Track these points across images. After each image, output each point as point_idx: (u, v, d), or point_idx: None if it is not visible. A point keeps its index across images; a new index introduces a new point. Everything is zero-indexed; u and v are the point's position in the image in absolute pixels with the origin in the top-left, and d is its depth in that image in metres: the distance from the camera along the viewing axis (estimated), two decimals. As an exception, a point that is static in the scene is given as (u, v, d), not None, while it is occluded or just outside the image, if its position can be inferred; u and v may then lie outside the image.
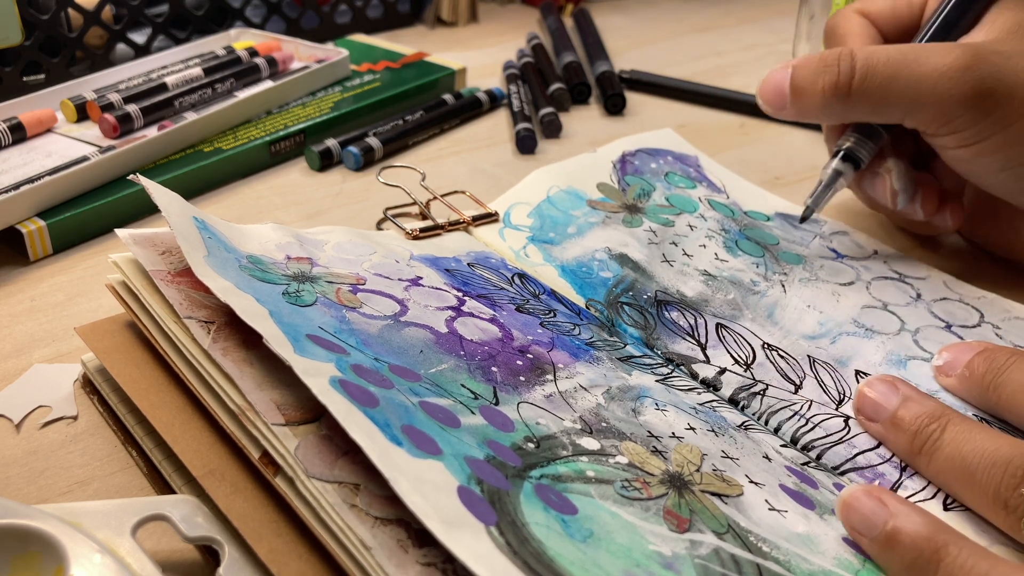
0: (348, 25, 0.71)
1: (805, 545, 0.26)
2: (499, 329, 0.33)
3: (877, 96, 0.37)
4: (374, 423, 0.24)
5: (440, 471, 0.24)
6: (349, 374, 0.26)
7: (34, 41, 0.54)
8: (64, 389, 0.33)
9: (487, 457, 0.25)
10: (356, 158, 0.51)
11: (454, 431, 0.26)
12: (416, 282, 0.35)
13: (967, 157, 0.38)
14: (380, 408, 0.25)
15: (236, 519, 0.25)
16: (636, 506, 0.25)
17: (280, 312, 0.29)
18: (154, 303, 0.30)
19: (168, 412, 0.28)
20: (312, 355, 0.27)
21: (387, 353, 0.29)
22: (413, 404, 0.26)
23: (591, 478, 0.26)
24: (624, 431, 0.29)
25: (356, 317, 0.31)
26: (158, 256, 0.31)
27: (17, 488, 0.29)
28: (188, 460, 0.26)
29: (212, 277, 0.29)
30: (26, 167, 0.45)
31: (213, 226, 0.33)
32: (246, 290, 0.29)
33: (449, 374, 0.29)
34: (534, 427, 0.28)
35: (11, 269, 0.41)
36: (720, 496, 0.27)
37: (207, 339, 0.28)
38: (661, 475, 0.27)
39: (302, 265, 0.33)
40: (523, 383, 0.30)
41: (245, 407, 0.26)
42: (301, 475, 0.24)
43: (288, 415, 0.26)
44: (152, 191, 0.31)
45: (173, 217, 0.31)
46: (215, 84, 0.54)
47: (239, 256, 0.32)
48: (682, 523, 0.25)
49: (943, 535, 0.25)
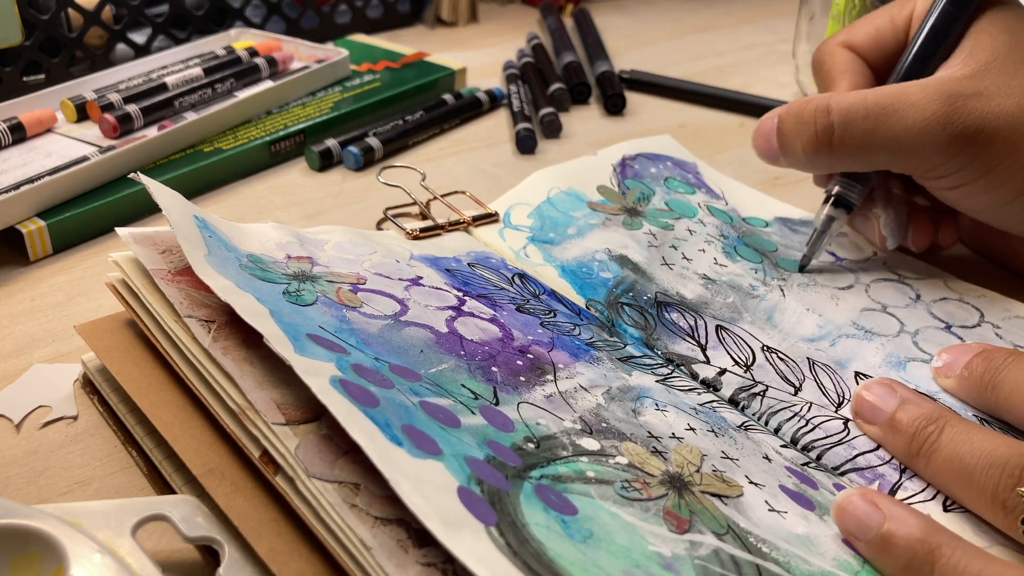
0: (348, 25, 0.71)
1: (804, 546, 0.26)
2: (499, 329, 0.33)
3: (859, 149, 0.37)
4: (374, 423, 0.24)
5: (440, 471, 0.24)
6: (349, 373, 0.26)
7: (34, 41, 0.54)
8: (64, 389, 0.33)
9: (487, 457, 0.25)
10: (356, 158, 0.51)
11: (454, 431, 0.26)
12: (416, 282, 0.35)
13: (956, 198, 0.38)
14: (380, 408, 0.25)
15: (236, 518, 0.25)
16: (636, 507, 0.25)
17: (280, 311, 0.29)
18: (154, 302, 0.30)
19: (168, 411, 0.28)
20: (312, 354, 0.27)
21: (387, 353, 0.29)
22: (413, 404, 0.26)
23: (591, 478, 0.26)
24: (624, 431, 0.29)
25: (356, 316, 0.31)
26: (158, 255, 0.31)
27: (17, 488, 0.29)
28: (188, 459, 0.26)
29: (212, 276, 0.29)
30: (26, 167, 0.45)
31: (214, 225, 0.33)
32: (246, 289, 0.29)
33: (449, 374, 0.29)
34: (534, 427, 0.28)
35: (11, 269, 0.41)
36: (720, 497, 0.27)
37: (207, 338, 0.28)
38: (661, 476, 0.27)
39: (302, 264, 0.33)
40: (523, 383, 0.30)
41: (245, 406, 0.26)
42: (301, 474, 0.24)
43: (288, 414, 0.26)
44: (153, 190, 0.31)
45: (173, 216, 0.31)
46: (215, 84, 0.54)
47: (239, 255, 0.32)
48: (682, 524, 0.25)
49: (937, 536, 0.25)
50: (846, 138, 0.36)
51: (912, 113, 0.35)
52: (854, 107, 0.36)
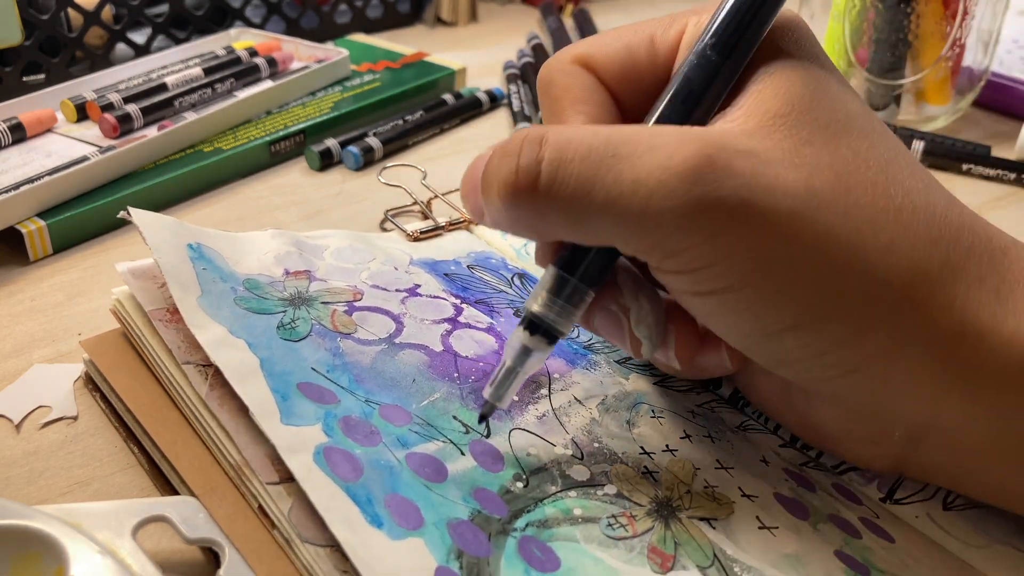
0: (348, 25, 0.71)
1: (794, 568, 0.26)
2: (496, 340, 0.33)
3: (570, 202, 0.24)
4: (355, 502, 0.25)
5: (420, 550, 0.24)
6: (336, 435, 0.27)
7: (34, 41, 0.54)
8: (64, 389, 0.33)
9: (472, 514, 0.26)
10: (356, 158, 0.51)
11: (439, 488, 0.26)
12: (414, 292, 0.35)
13: (703, 309, 0.26)
14: (363, 480, 0.25)
15: (237, 540, 0.25)
16: (621, 547, 0.26)
17: (272, 358, 0.29)
18: (154, 344, 0.30)
19: (171, 429, 0.28)
20: (300, 417, 0.27)
21: (379, 389, 0.29)
22: (399, 461, 0.27)
23: (578, 517, 0.26)
24: (616, 451, 0.29)
25: (350, 346, 0.31)
26: (157, 289, 0.31)
27: (17, 488, 0.29)
28: (190, 479, 0.27)
29: (204, 326, 0.29)
30: (26, 167, 0.45)
31: (209, 250, 0.33)
32: (239, 334, 0.29)
33: (441, 404, 0.29)
34: (524, 460, 0.28)
35: (11, 269, 0.41)
36: (708, 520, 0.27)
37: (204, 386, 0.28)
38: (648, 505, 0.27)
39: (299, 282, 0.33)
40: (516, 403, 0.30)
41: (241, 463, 0.26)
42: (295, 538, 0.24)
43: (282, 471, 0.26)
44: (143, 229, 0.32)
45: (164, 258, 0.31)
46: (215, 84, 0.54)
47: (236, 283, 0.32)
48: (666, 561, 0.25)
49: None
50: (556, 184, 0.24)
51: (649, 159, 0.23)
52: (575, 142, 0.24)
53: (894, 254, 0.24)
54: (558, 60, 0.29)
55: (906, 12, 0.54)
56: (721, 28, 0.26)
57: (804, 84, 0.25)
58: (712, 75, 0.26)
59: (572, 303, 0.27)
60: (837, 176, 0.24)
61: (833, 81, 0.26)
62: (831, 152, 0.25)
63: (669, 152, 0.23)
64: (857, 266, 0.24)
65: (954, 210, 0.26)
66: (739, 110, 0.26)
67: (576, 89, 0.28)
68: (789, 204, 0.23)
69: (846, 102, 0.26)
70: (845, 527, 0.28)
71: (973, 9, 0.54)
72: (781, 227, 0.23)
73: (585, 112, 0.28)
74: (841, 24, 0.56)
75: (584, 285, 0.27)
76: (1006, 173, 0.53)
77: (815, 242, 0.23)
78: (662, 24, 0.29)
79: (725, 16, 0.26)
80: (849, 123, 0.25)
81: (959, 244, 0.25)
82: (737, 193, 0.23)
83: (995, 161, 0.53)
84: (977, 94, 0.58)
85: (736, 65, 0.26)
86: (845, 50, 0.57)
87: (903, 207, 0.24)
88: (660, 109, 0.26)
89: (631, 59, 0.29)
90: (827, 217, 0.23)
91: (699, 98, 0.26)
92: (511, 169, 0.25)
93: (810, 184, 0.24)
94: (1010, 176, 0.53)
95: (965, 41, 0.55)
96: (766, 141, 0.24)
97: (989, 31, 0.56)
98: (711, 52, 0.26)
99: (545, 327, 0.27)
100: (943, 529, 0.28)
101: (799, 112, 0.25)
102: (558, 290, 0.27)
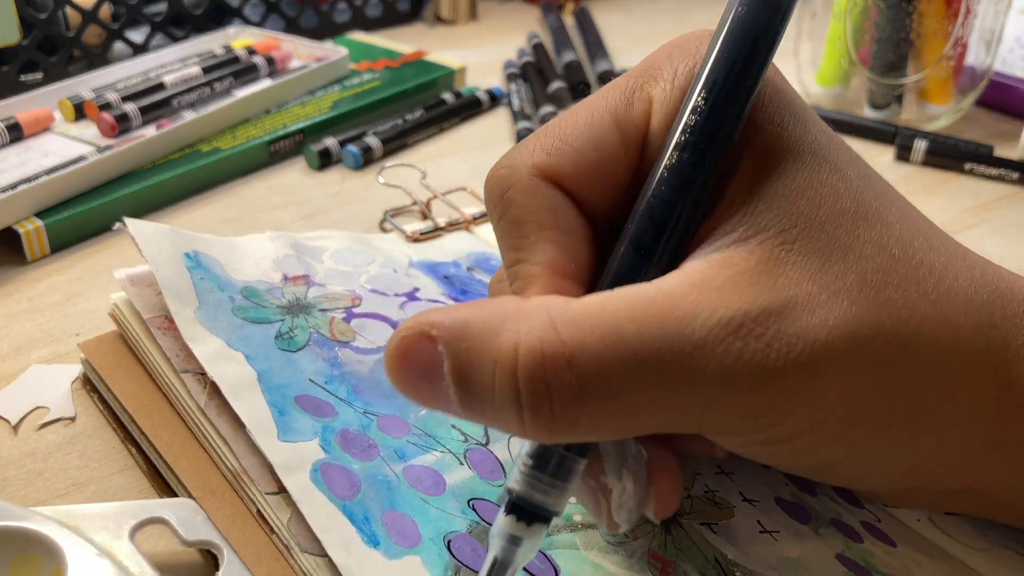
0: (347, 23, 0.71)
1: (795, 572, 0.26)
2: None
3: (618, 416, 0.21)
4: (352, 522, 0.25)
5: (417, 569, 0.24)
6: (334, 450, 0.27)
7: (32, 40, 0.54)
8: (62, 390, 0.33)
9: (470, 526, 0.25)
10: (355, 157, 0.51)
11: (437, 501, 0.26)
12: (413, 296, 0.35)
13: (763, 453, 0.24)
14: (360, 498, 0.25)
15: (236, 543, 0.25)
16: (621, 552, 0.25)
17: (270, 370, 0.29)
18: (153, 351, 0.30)
19: (169, 432, 0.28)
20: (297, 432, 0.27)
21: (377, 399, 0.29)
22: (397, 475, 0.26)
23: (578, 524, 0.26)
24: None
25: (348, 355, 0.31)
26: (155, 297, 0.31)
27: (15, 490, 0.29)
28: (188, 480, 0.27)
29: (201, 339, 0.29)
30: (23, 167, 0.45)
31: (207, 258, 0.33)
32: (237, 346, 0.29)
33: (440, 413, 0.29)
34: None
35: (8, 269, 0.40)
36: (709, 524, 0.27)
37: (203, 395, 0.28)
38: None
39: (298, 288, 0.33)
40: None
41: (240, 471, 0.26)
42: (295, 548, 0.24)
43: (281, 482, 0.26)
44: (139, 241, 0.31)
45: (161, 270, 0.31)
46: (213, 83, 0.53)
47: (234, 291, 0.32)
48: (666, 567, 0.25)
49: None
50: (601, 408, 0.20)
51: (709, 362, 0.20)
52: (606, 356, 0.20)
53: (961, 341, 0.22)
54: (514, 172, 0.24)
55: (908, 11, 0.54)
56: (700, 125, 0.22)
57: (800, 183, 0.22)
58: (696, 194, 0.22)
59: (561, 477, 0.22)
60: (875, 290, 0.21)
61: (827, 162, 0.23)
62: (856, 259, 0.22)
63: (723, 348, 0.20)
64: (931, 374, 0.22)
65: (989, 271, 0.24)
66: (733, 239, 0.22)
67: (541, 212, 0.24)
68: (842, 343, 0.21)
69: (849, 182, 0.23)
70: (846, 531, 0.28)
71: (975, 8, 0.54)
72: (838, 361, 0.21)
73: (554, 241, 0.23)
74: (843, 23, 0.56)
75: (573, 454, 0.22)
76: (1008, 173, 0.53)
77: (875, 377, 0.22)
78: (623, 99, 0.24)
79: (700, 107, 0.22)
80: (859, 212, 0.22)
81: (1008, 307, 0.23)
82: (800, 352, 0.20)
83: (997, 161, 0.53)
84: (979, 93, 0.58)
85: (713, 171, 0.22)
86: (847, 49, 0.57)
87: (951, 292, 0.23)
88: (623, 251, 0.22)
89: (599, 160, 0.24)
90: (878, 346, 0.21)
91: (682, 235, 0.22)
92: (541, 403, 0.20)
93: (856, 314, 0.21)
94: (1012, 176, 0.52)
95: (967, 40, 0.55)
96: (788, 283, 0.21)
97: (991, 30, 0.56)
98: (688, 168, 0.22)
99: (531, 509, 0.22)
100: (945, 533, 0.28)
101: (803, 227, 0.22)
102: (542, 463, 0.22)
